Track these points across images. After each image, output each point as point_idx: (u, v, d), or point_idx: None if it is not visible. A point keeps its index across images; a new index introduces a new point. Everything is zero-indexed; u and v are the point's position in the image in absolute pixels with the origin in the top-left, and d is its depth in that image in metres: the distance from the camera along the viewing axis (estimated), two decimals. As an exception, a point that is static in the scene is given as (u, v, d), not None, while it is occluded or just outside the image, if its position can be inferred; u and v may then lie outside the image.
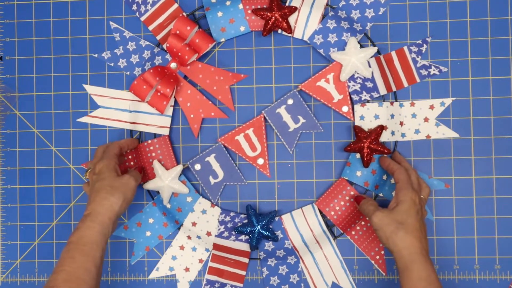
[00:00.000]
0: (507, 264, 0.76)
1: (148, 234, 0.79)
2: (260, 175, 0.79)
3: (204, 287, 0.78)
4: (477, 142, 0.76)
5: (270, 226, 0.77)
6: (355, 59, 0.74)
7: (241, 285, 0.78)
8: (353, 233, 0.77)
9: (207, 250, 0.78)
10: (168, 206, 0.79)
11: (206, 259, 0.78)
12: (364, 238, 0.77)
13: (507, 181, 0.76)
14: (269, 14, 0.75)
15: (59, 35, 0.81)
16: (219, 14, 0.77)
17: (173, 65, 0.78)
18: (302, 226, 0.78)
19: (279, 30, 0.77)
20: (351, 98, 0.77)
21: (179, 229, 0.79)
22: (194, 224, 0.79)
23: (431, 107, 0.76)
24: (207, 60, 0.79)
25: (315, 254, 0.77)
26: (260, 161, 0.78)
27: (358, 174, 0.77)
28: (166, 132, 0.79)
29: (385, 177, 0.76)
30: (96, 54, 0.81)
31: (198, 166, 0.78)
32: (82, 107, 0.81)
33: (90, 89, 0.81)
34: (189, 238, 0.78)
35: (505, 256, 0.76)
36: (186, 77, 0.79)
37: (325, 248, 0.77)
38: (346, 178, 0.77)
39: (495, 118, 0.76)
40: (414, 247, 0.65)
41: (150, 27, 0.79)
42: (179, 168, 0.78)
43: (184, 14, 0.78)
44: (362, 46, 0.76)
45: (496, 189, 0.76)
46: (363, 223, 0.77)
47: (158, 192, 0.79)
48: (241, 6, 0.77)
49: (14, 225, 0.82)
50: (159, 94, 0.75)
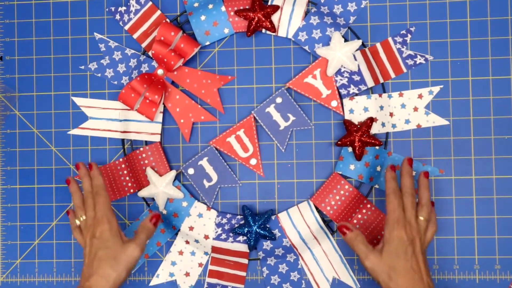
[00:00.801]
0: (507, 264, 0.76)
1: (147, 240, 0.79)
2: (259, 176, 0.79)
3: (204, 288, 0.78)
4: (477, 142, 0.76)
5: (267, 225, 0.77)
6: (341, 54, 0.74)
7: (242, 286, 0.78)
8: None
9: (206, 253, 0.78)
10: (164, 212, 0.79)
11: (205, 263, 0.78)
12: (361, 231, 0.76)
13: (507, 181, 0.76)
14: (251, 14, 0.75)
15: (59, 35, 0.81)
16: (202, 17, 0.77)
17: (159, 71, 0.77)
18: (299, 223, 0.78)
19: (263, 30, 0.77)
20: (339, 93, 0.77)
21: (177, 234, 0.79)
22: (191, 228, 0.79)
23: (420, 96, 0.76)
24: (203, 64, 0.79)
25: (314, 250, 0.77)
26: (253, 161, 0.78)
27: (352, 167, 0.77)
28: (157, 138, 0.79)
29: (379, 168, 0.76)
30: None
31: (191, 171, 0.78)
32: (82, 107, 0.81)
33: (78, 101, 0.80)
34: (187, 242, 0.78)
35: (505, 256, 0.76)
36: (173, 82, 0.79)
37: (323, 243, 0.77)
38: (340, 173, 0.77)
39: (495, 118, 0.76)
40: None
41: (135, 36, 0.79)
42: (173, 173, 0.77)
43: (167, 20, 0.78)
44: (346, 40, 0.76)
45: (496, 189, 0.76)
46: (360, 216, 0.76)
47: (153, 199, 0.79)
48: (223, 8, 0.77)
49: (14, 225, 0.82)
50: (148, 101, 0.76)
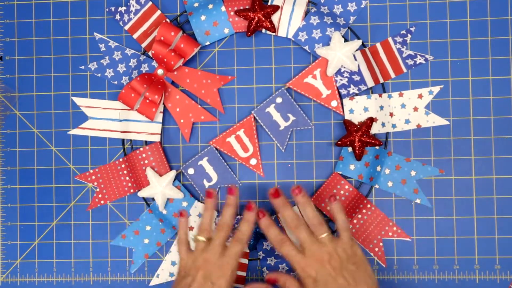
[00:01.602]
0: (507, 264, 0.76)
1: (146, 241, 0.79)
2: (259, 176, 0.79)
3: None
4: (477, 142, 0.76)
5: (268, 226, 0.77)
6: (341, 53, 0.74)
7: (242, 286, 0.78)
8: (350, 226, 0.76)
9: (206, 253, 0.78)
10: (164, 212, 0.79)
11: (206, 260, 0.79)
12: (361, 231, 0.77)
13: (507, 181, 0.76)
14: (251, 14, 0.75)
15: (59, 35, 0.81)
16: (202, 17, 0.77)
17: (159, 71, 0.77)
18: (299, 223, 0.78)
19: (263, 30, 0.77)
20: (339, 93, 0.77)
21: (177, 234, 0.79)
22: (191, 228, 0.79)
23: (420, 96, 0.76)
24: (203, 64, 0.79)
25: (314, 251, 0.77)
26: (253, 161, 0.78)
27: (352, 167, 0.77)
28: (157, 138, 0.79)
29: (379, 168, 0.76)
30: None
31: (191, 171, 0.78)
32: (82, 107, 0.81)
33: (78, 101, 0.80)
34: None
35: (505, 256, 0.76)
36: (173, 82, 0.79)
37: (323, 244, 0.77)
38: (340, 173, 0.77)
39: (495, 118, 0.76)
40: None
41: (135, 36, 0.79)
42: (173, 173, 0.77)
43: (167, 20, 0.78)
44: (346, 40, 0.76)
45: (496, 189, 0.76)
46: (360, 216, 0.76)
47: (153, 199, 0.79)
48: (223, 8, 0.77)
49: (14, 225, 0.82)
50: (148, 101, 0.76)
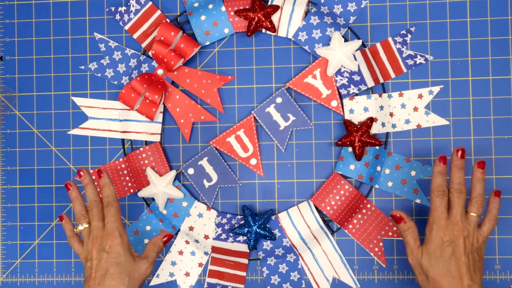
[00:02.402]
0: (507, 264, 0.76)
1: (146, 241, 0.79)
2: (259, 176, 0.79)
3: (204, 288, 0.78)
4: (477, 142, 0.76)
5: (267, 225, 0.77)
6: (341, 53, 0.74)
7: (242, 286, 0.78)
8: (350, 226, 0.77)
9: (206, 253, 0.78)
10: (164, 212, 0.79)
11: (205, 263, 0.78)
12: (361, 231, 0.77)
13: (507, 181, 0.76)
14: (251, 14, 0.75)
15: (59, 35, 0.81)
16: (202, 17, 0.77)
17: (159, 71, 0.77)
18: (299, 223, 0.78)
19: (263, 30, 0.77)
20: (339, 93, 0.77)
21: (177, 234, 0.79)
22: (191, 228, 0.79)
23: (420, 96, 0.76)
24: (203, 64, 0.79)
25: (314, 250, 0.77)
26: (253, 161, 0.78)
27: (352, 167, 0.77)
28: (157, 138, 0.79)
29: (379, 168, 0.76)
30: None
31: (191, 171, 0.78)
32: (82, 107, 0.81)
33: (78, 101, 0.80)
34: (187, 242, 0.78)
35: (505, 256, 0.76)
36: (173, 82, 0.79)
37: (323, 243, 0.77)
38: (340, 173, 0.77)
39: (495, 118, 0.76)
40: None
41: (135, 36, 0.79)
42: (173, 173, 0.77)
43: (167, 20, 0.78)
44: (346, 40, 0.76)
45: (496, 189, 0.76)
46: (360, 216, 0.76)
47: (153, 199, 0.79)
48: (223, 8, 0.77)
49: (14, 225, 0.82)
50: (148, 101, 0.76)
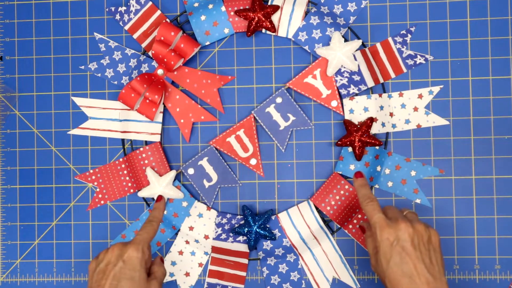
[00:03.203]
0: (507, 264, 0.76)
1: None
2: (259, 176, 0.79)
3: (204, 288, 0.78)
4: (477, 142, 0.76)
5: (267, 225, 0.77)
6: (341, 53, 0.74)
7: (242, 286, 0.78)
8: (350, 226, 0.77)
9: (206, 253, 0.78)
10: (164, 212, 0.79)
11: (205, 263, 0.78)
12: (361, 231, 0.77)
13: (507, 181, 0.76)
14: (251, 14, 0.75)
15: (59, 35, 0.81)
16: (202, 17, 0.77)
17: (159, 71, 0.77)
18: (299, 223, 0.78)
19: (263, 30, 0.77)
20: (339, 93, 0.77)
21: (177, 234, 0.79)
22: (191, 228, 0.79)
23: (420, 96, 0.76)
24: (203, 64, 0.79)
25: (314, 250, 0.77)
26: (253, 161, 0.78)
27: (352, 167, 0.77)
28: (157, 138, 0.79)
29: (379, 168, 0.76)
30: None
31: (191, 171, 0.78)
32: (82, 107, 0.81)
33: (78, 101, 0.80)
34: (187, 242, 0.78)
35: (505, 256, 0.76)
36: (173, 82, 0.79)
37: (323, 243, 0.77)
38: (340, 173, 0.77)
39: (495, 118, 0.76)
40: None
41: (135, 36, 0.79)
42: (173, 173, 0.77)
43: (167, 20, 0.78)
44: (346, 40, 0.76)
45: (496, 189, 0.76)
46: (360, 216, 0.76)
47: (153, 199, 0.79)
48: (223, 8, 0.77)
49: (14, 225, 0.82)
50: (148, 101, 0.76)
